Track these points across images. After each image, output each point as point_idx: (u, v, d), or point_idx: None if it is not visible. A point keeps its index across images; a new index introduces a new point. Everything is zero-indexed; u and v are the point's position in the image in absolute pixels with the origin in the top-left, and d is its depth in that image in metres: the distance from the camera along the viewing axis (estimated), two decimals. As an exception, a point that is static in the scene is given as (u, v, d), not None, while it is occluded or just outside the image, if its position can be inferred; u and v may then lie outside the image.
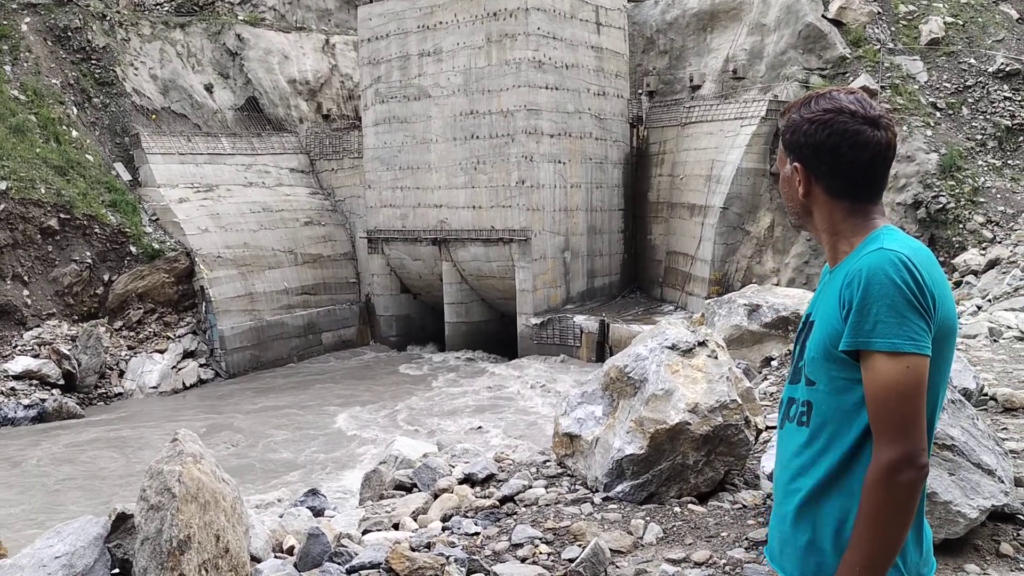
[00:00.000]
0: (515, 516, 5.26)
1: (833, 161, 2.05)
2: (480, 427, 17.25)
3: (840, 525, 2.02)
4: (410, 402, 21.55)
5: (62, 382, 21.22)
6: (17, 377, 20.66)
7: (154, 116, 27.96)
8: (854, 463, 2.00)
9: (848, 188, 2.07)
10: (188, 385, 23.69)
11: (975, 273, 18.01)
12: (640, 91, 28.88)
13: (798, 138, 2.09)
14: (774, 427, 5.69)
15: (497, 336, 27.21)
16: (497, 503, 5.51)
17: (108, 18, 28.43)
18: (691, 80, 27.42)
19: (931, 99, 23.86)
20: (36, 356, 21.32)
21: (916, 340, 1.89)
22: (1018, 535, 4.35)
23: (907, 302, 1.90)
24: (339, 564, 4.68)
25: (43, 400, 20.40)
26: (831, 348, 2.00)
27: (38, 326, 22.30)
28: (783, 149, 2.15)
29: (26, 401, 20.21)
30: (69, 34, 27.20)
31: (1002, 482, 4.34)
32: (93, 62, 27.42)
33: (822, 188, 2.09)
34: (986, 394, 6.59)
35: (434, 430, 17.38)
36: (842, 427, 2.01)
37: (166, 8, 31.41)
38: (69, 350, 21.64)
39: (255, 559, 4.86)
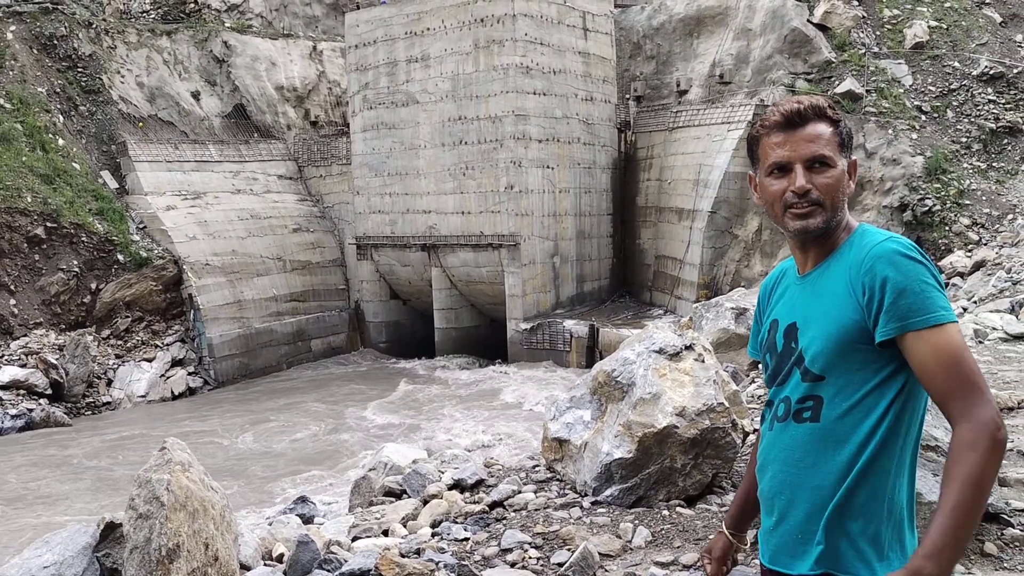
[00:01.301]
0: (504, 521, 5.28)
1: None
2: (484, 444, 17.26)
3: (880, 500, 2.04)
4: (399, 408, 21.52)
5: (49, 391, 21.10)
6: (4, 387, 20.53)
7: (141, 124, 27.88)
8: (889, 443, 2.04)
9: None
10: (177, 394, 23.58)
11: (961, 275, 18.14)
12: (627, 96, 28.98)
13: (848, 132, 2.16)
14: (761, 430, 5.71)
15: (487, 341, 27.21)
16: (486, 508, 5.53)
17: (94, 26, 28.35)
18: (678, 85, 27.53)
19: (916, 102, 24.03)
20: (23, 366, 21.19)
21: (952, 311, 1.98)
22: (1002, 534, 4.39)
23: (936, 279, 1.99)
24: (329, 571, 4.68)
25: (30, 410, 20.28)
26: (849, 339, 2.04)
27: (25, 335, 22.18)
28: (837, 149, 2.12)
29: (13, 411, 20.08)
30: (55, 42, 27.11)
31: (986, 482, 4.37)
32: (79, 70, 27.33)
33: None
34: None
35: (426, 436, 17.37)
36: (867, 413, 2.04)
37: (152, 16, 31.35)
38: (56, 359, 21.53)
39: (244, 567, 4.86)
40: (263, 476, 16.68)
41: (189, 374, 24.41)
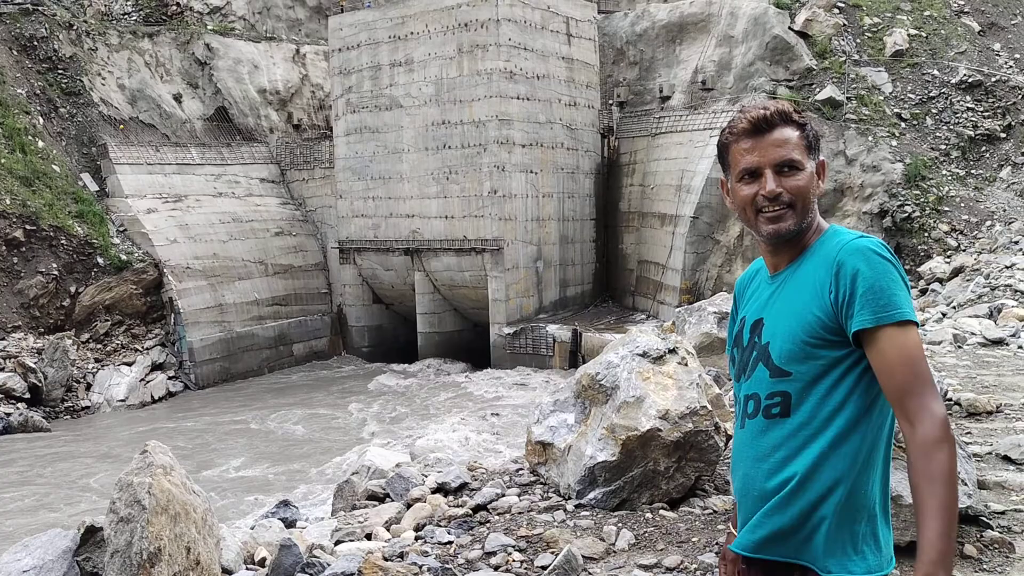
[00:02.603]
0: (488, 524, 5.27)
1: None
2: (468, 447, 17.22)
3: (853, 495, 2.08)
4: (382, 412, 21.45)
5: (28, 396, 20.88)
6: (-19, 391, 20.30)
7: (122, 126, 27.68)
8: (859, 437, 2.08)
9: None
10: (157, 398, 23.40)
11: (940, 281, 18.31)
12: (611, 102, 29.08)
13: (815, 134, 2.20)
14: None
15: (470, 346, 27.19)
16: (470, 512, 5.52)
17: (75, 27, 28.14)
18: (661, 91, 27.66)
19: (896, 110, 24.26)
20: (1, 370, 20.96)
21: (914, 312, 2.03)
22: (981, 536, 4.44)
23: (902, 279, 2.04)
24: (311, 575, 4.67)
25: (8, 414, 20.05)
26: (815, 336, 2.08)
27: (3, 339, 21.94)
28: (805, 151, 2.16)
29: (-10, 415, 19.86)
30: (35, 43, 26.88)
31: (966, 484, 4.42)
32: (60, 72, 27.12)
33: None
34: (950, 399, 6.71)
35: (409, 440, 17.32)
36: (837, 408, 2.09)
37: (134, 18, 31.15)
38: (35, 363, 21.31)
39: (226, 571, 4.83)
40: (245, 479, 16.57)
41: (169, 378, 24.23)
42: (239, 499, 15.04)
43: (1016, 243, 18.15)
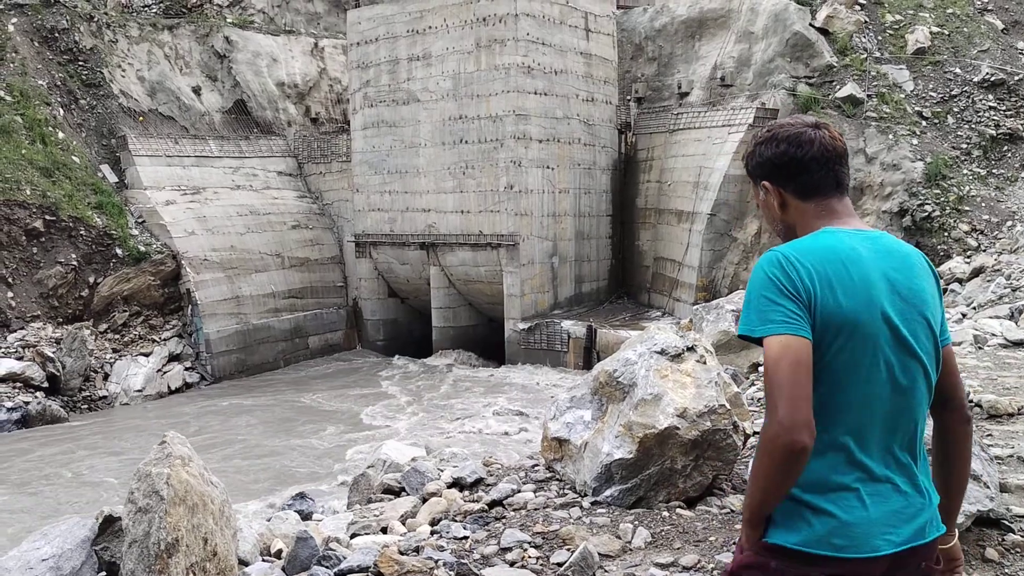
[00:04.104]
0: (504, 520, 5.26)
1: (788, 163, 2.33)
2: (483, 441, 17.25)
3: None
4: (397, 405, 21.50)
5: (46, 385, 21.06)
6: (0, 380, 20.48)
7: (141, 118, 27.83)
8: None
9: (810, 185, 2.33)
10: (173, 389, 23.55)
11: (960, 281, 18.13)
12: (629, 97, 28.98)
13: (757, 160, 2.40)
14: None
15: (485, 341, 27.20)
16: (486, 507, 5.51)
17: (96, 19, 28.30)
18: (679, 87, 27.54)
19: (917, 108, 24.05)
20: (20, 359, 21.14)
21: (787, 322, 2.13)
22: (1003, 540, 4.39)
23: (778, 290, 2.16)
24: (327, 568, 4.67)
25: (27, 403, 20.23)
26: None
27: (22, 328, 22.13)
28: (752, 181, 2.44)
29: (9, 404, 20.04)
30: (56, 35, 27.05)
31: (988, 488, 4.38)
32: (80, 63, 27.28)
33: (792, 194, 2.36)
34: (972, 401, 6.64)
35: (424, 434, 17.35)
36: None
37: (154, 10, 31.29)
38: (53, 353, 21.48)
39: (243, 562, 4.85)
40: (261, 471, 16.66)
41: (186, 369, 24.38)
42: (255, 490, 15.11)
43: (1038, 244, 17.96)
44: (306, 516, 6.39)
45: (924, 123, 23.72)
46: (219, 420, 20.68)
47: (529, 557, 4.68)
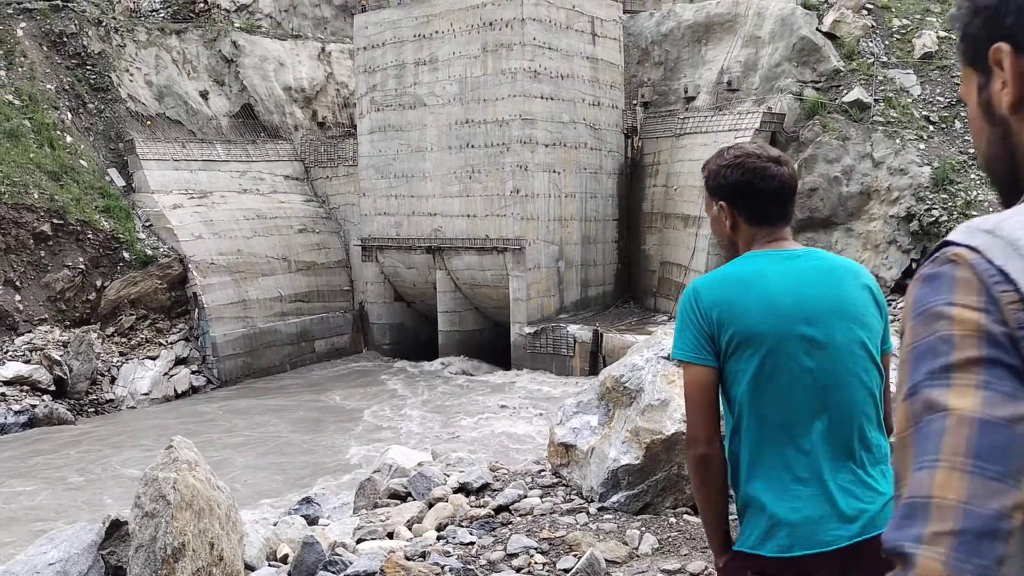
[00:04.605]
0: (510, 526, 5.25)
1: (749, 193, 2.54)
2: (489, 445, 17.23)
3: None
4: (404, 409, 21.49)
5: (53, 388, 21.11)
6: (8, 383, 20.54)
7: (149, 122, 27.92)
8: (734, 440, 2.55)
9: (763, 215, 2.54)
10: (180, 392, 23.59)
11: (967, 286, 18.08)
12: (635, 102, 28.96)
13: (719, 182, 2.58)
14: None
15: (491, 345, 27.18)
16: (492, 512, 5.50)
17: (104, 24, 28.41)
18: (685, 91, 27.51)
19: (924, 112, 23.99)
20: (27, 362, 21.20)
21: (692, 352, 2.40)
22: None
23: (687, 321, 2.43)
24: (334, 573, 4.67)
25: (34, 406, 20.29)
26: None
27: (30, 331, 22.20)
28: (708, 194, 2.64)
29: (16, 407, 20.10)
30: (64, 39, 27.17)
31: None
32: (88, 68, 27.39)
33: (743, 219, 2.57)
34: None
35: (431, 438, 17.35)
36: None
37: (162, 15, 31.41)
38: (60, 356, 21.54)
39: (249, 567, 4.84)
40: (268, 476, 16.66)
41: (192, 373, 24.41)
42: (261, 495, 15.12)
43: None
44: (312, 521, 6.38)
45: (931, 128, 23.66)
46: (226, 423, 20.70)
47: (535, 563, 4.67)
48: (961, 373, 0.90)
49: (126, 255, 24.32)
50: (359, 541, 5.49)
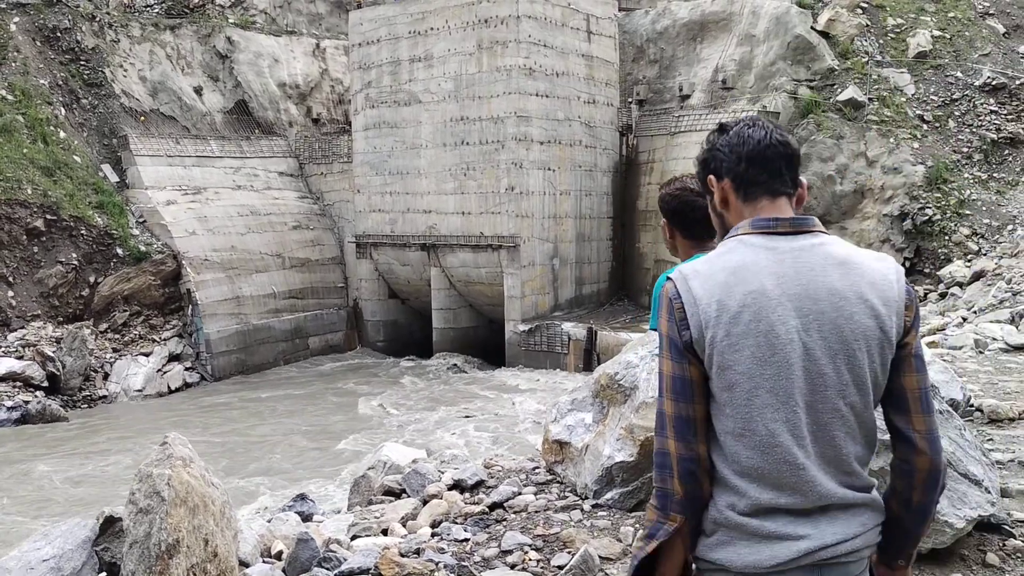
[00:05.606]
0: (504, 523, 5.26)
1: (683, 218, 3.73)
2: (483, 443, 17.24)
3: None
4: (397, 406, 21.49)
5: (46, 384, 21.06)
6: (0, 379, 20.49)
7: (143, 118, 27.85)
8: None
9: (692, 233, 3.70)
10: (173, 388, 23.55)
11: (960, 285, 18.16)
12: (630, 100, 28.99)
13: (664, 206, 3.80)
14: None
15: (485, 342, 27.20)
16: (486, 509, 5.51)
17: (98, 19, 28.32)
18: (680, 90, 27.55)
19: (918, 112, 24.06)
20: (20, 358, 21.15)
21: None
22: (1004, 545, 4.39)
23: (661, 310, 2.49)
24: (328, 569, 4.67)
25: (26, 402, 20.23)
26: None
27: (22, 327, 22.14)
28: (661, 212, 3.72)
29: (9, 403, 20.05)
30: (58, 35, 27.07)
31: (989, 492, 4.37)
32: (82, 63, 27.30)
33: (680, 234, 3.78)
34: (972, 405, 6.64)
35: (424, 435, 17.36)
36: None
37: (156, 10, 31.32)
38: (53, 352, 21.48)
39: (243, 564, 4.84)
40: (261, 472, 16.65)
41: (186, 369, 24.37)
42: (256, 491, 15.11)
43: (1038, 248, 17.97)
44: (306, 517, 6.38)
45: (925, 127, 23.73)
46: (219, 420, 20.68)
47: (530, 560, 4.68)
48: None
49: (119, 251, 24.26)
50: (354, 538, 5.49)
